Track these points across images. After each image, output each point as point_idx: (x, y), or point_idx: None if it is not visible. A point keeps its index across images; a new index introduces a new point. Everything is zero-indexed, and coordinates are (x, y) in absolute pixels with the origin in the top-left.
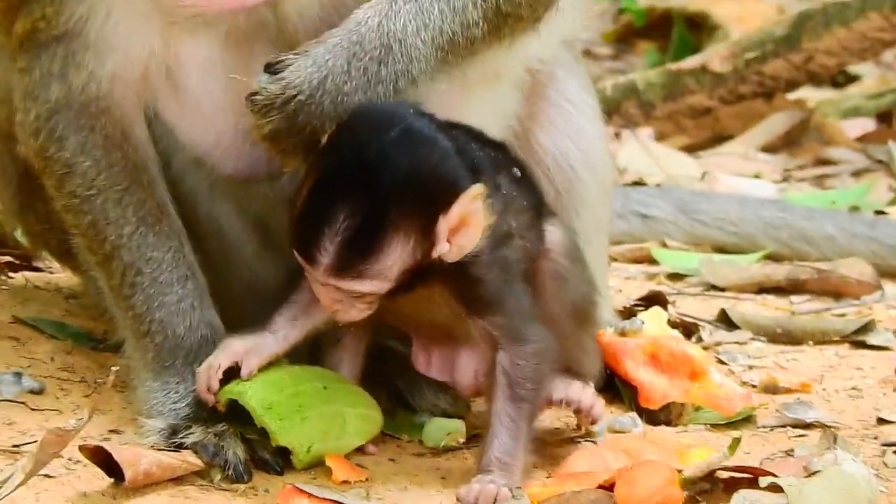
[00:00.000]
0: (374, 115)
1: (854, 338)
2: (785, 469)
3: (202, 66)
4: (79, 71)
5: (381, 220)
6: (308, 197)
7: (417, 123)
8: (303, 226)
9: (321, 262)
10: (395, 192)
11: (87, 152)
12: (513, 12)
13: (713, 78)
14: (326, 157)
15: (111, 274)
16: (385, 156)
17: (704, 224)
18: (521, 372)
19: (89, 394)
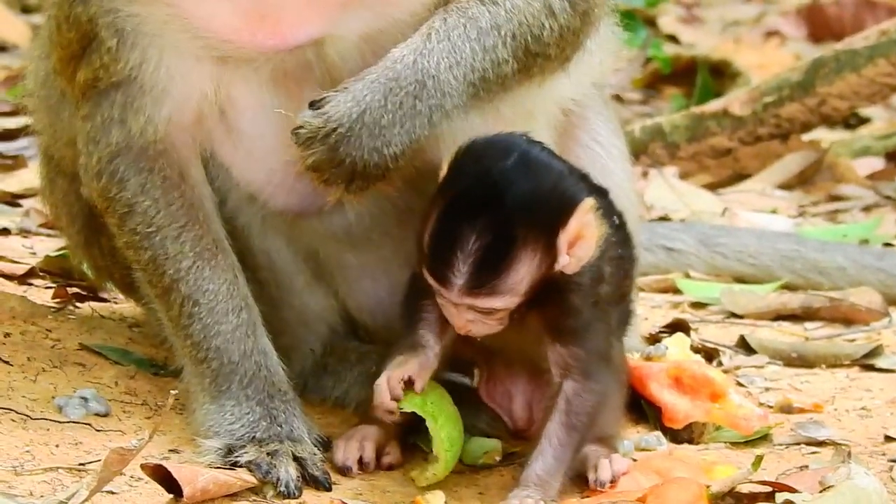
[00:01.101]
0: (491, 144)
1: (864, 361)
2: (802, 483)
3: (254, 108)
4: (137, 116)
5: (509, 238)
6: (438, 224)
7: (532, 149)
8: (436, 251)
9: (456, 283)
10: (520, 212)
11: (147, 193)
12: (541, 52)
13: (733, 121)
14: (451, 185)
15: (170, 305)
16: (508, 179)
17: (725, 256)
18: (582, 404)
19: (150, 416)
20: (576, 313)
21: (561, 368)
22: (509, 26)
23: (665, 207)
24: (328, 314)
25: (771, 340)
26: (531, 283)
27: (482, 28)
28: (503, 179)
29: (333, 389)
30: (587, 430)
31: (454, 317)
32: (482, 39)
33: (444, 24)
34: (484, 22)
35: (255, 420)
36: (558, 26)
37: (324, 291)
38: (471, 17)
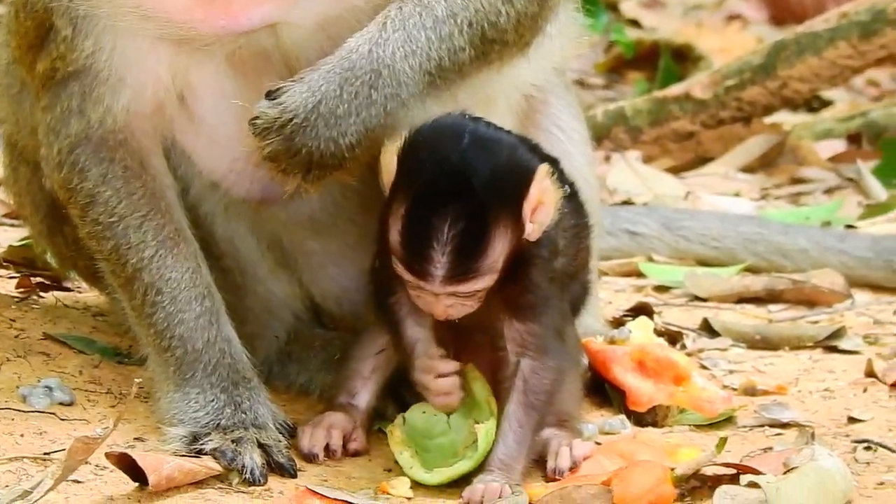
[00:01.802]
0: (439, 129)
1: (827, 343)
2: (766, 465)
3: (214, 96)
4: (95, 106)
5: (482, 220)
6: (408, 220)
7: (479, 127)
8: (411, 247)
9: (437, 274)
10: (487, 191)
11: (108, 183)
12: (499, 38)
13: (696, 104)
14: (411, 177)
15: (133, 295)
16: (468, 162)
17: (688, 240)
18: (539, 382)
19: (115, 404)
20: (534, 288)
21: (518, 346)
22: (465, 14)
23: (628, 191)
24: (292, 301)
25: (734, 323)
26: (505, 258)
27: (438, 16)
28: (463, 163)
29: (298, 376)
30: (546, 409)
31: (433, 305)
32: (438, 28)
33: (400, 13)
34: (440, 10)
35: (220, 407)
36: (515, 12)
37: (288, 279)
38: (426, 6)
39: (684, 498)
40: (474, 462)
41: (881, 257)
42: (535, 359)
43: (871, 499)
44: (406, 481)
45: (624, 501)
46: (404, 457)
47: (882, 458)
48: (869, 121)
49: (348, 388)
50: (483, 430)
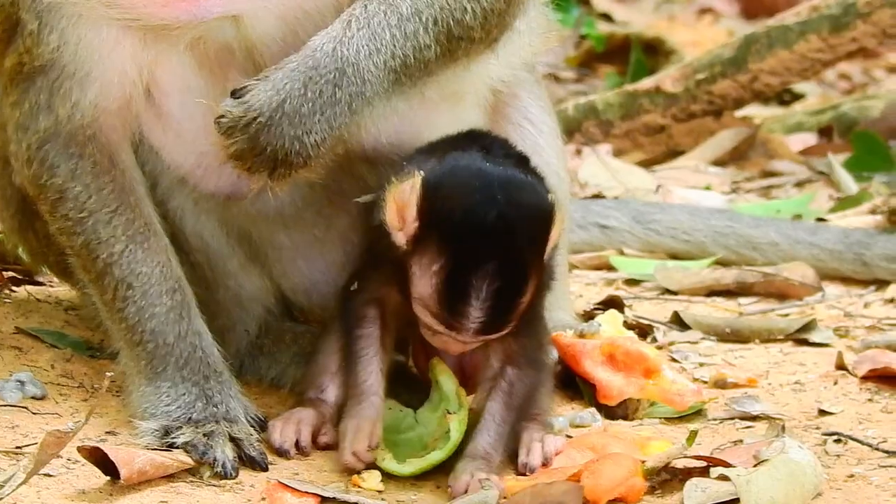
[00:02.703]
0: (467, 178)
1: (797, 336)
2: (737, 457)
3: (181, 91)
4: (63, 101)
5: (522, 275)
6: (446, 275)
7: (507, 172)
8: (450, 303)
9: (472, 328)
10: (526, 246)
11: (78, 178)
12: (465, 35)
13: (666, 98)
14: (446, 233)
15: (104, 289)
16: (506, 218)
17: (658, 233)
18: (523, 388)
19: (87, 398)
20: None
21: (505, 356)
22: (430, 11)
23: (599, 185)
24: (262, 295)
25: (705, 316)
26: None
27: (403, 14)
28: (503, 221)
29: (269, 370)
30: (525, 411)
31: (451, 346)
32: (403, 26)
33: (365, 11)
34: (405, 8)
35: (191, 401)
36: (481, 9)
37: (258, 272)
38: (391, 4)
39: (655, 491)
40: (447, 452)
41: (852, 250)
42: (522, 368)
43: (840, 491)
44: (377, 474)
45: (595, 494)
46: (377, 450)
47: (852, 451)
48: (840, 114)
49: (316, 384)
50: (456, 421)
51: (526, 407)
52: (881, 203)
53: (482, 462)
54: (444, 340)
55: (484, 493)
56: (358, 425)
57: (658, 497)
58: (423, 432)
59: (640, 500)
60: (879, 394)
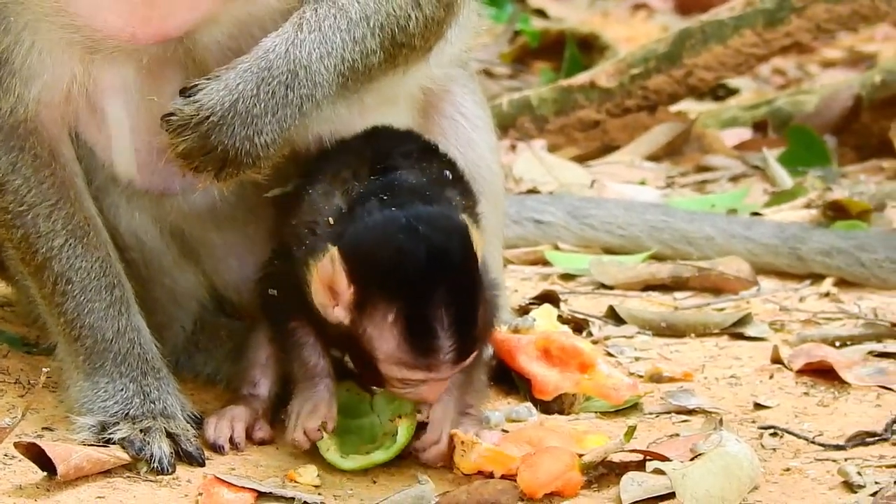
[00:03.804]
0: (380, 227)
1: (733, 330)
2: (673, 450)
3: (117, 90)
4: (7, 96)
5: (472, 290)
6: (406, 322)
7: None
8: (419, 347)
9: (447, 360)
10: (462, 262)
11: (18, 171)
12: (407, 42)
13: (601, 93)
14: (388, 282)
15: (43, 283)
16: (435, 245)
17: (594, 228)
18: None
19: (23, 394)
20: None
21: None
22: (378, 17)
23: (534, 180)
24: (197, 291)
25: (640, 310)
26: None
27: (352, 18)
28: (435, 248)
29: (205, 366)
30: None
31: (428, 393)
32: (352, 30)
33: (315, 15)
34: (353, 12)
35: (129, 397)
36: (423, 17)
37: (192, 269)
38: (341, 8)
39: (591, 485)
40: (390, 454)
41: (787, 244)
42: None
43: (777, 485)
44: (313, 469)
45: (532, 488)
46: (323, 440)
47: (788, 444)
48: (774, 109)
49: (248, 379)
50: (404, 426)
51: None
52: (816, 197)
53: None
54: (420, 391)
55: (420, 487)
56: (313, 405)
57: (594, 491)
58: (375, 422)
59: (577, 494)
60: (815, 387)
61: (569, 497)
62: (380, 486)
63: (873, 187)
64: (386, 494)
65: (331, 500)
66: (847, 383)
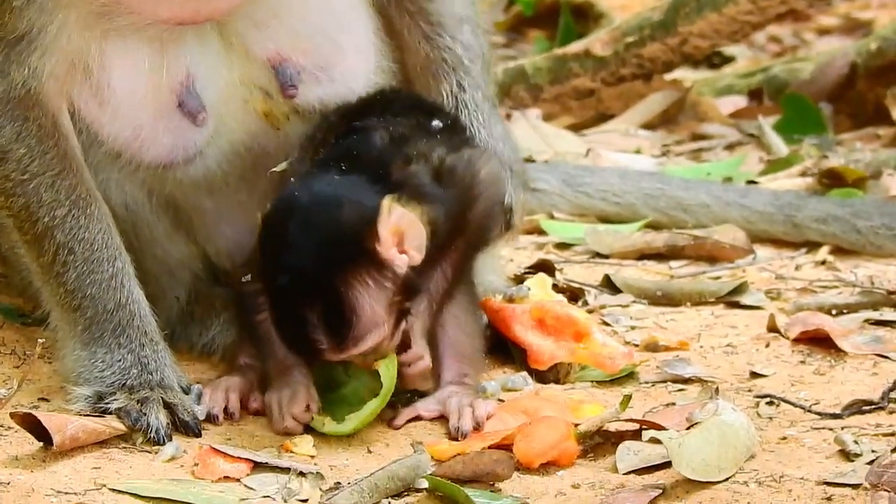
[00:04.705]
0: (275, 211)
1: (728, 298)
2: (669, 419)
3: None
4: (21, 68)
5: (335, 291)
6: (274, 312)
7: (304, 196)
8: (288, 335)
9: (323, 349)
10: (324, 267)
11: (22, 140)
12: None
13: (596, 62)
14: (261, 270)
15: (42, 253)
16: (294, 248)
17: (589, 196)
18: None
19: (19, 364)
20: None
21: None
22: None
23: (529, 149)
24: (190, 261)
25: (636, 279)
26: (389, 303)
27: None
28: (291, 252)
29: (200, 337)
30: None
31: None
32: None
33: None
34: None
35: (126, 367)
36: None
37: (184, 239)
38: None
39: (587, 454)
40: (382, 399)
41: (783, 212)
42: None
43: (773, 453)
44: (309, 439)
45: (527, 457)
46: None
47: (784, 413)
48: (770, 76)
49: (246, 349)
50: (383, 366)
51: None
52: (812, 165)
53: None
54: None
55: (416, 457)
56: (292, 391)
57: (591, 460)
58: (357, 385)
59: (573, 464)
60: (811, 356)
61: (565, 466)
62: (375, 455)
63: (869, 155)
64: (382, 464)
65: (327, 471)
66: (843, 352)
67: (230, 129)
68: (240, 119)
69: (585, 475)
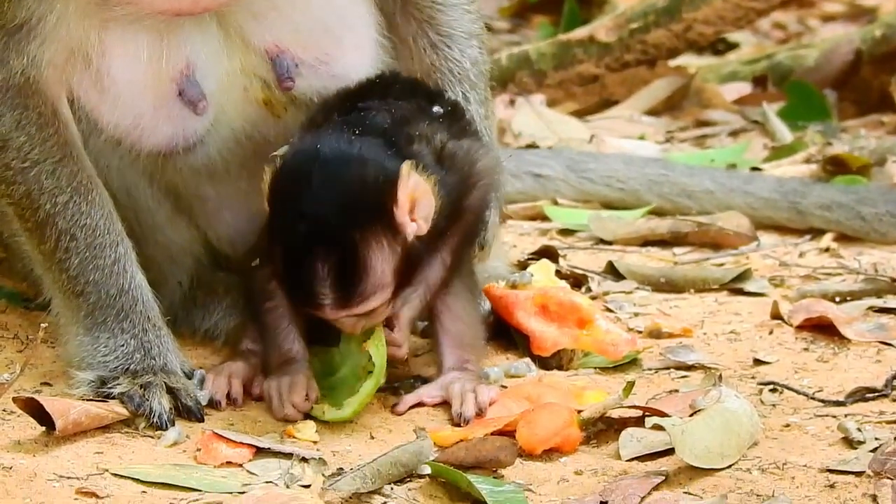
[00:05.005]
0: (294, 163)
1: (732, 285)
2: (672, 406)
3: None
4: (20, 57)
5: (350, 246)
6: (283, 261)
7: (329, 149)
8: (294, 285)
9: (325, 304)
10: (344, 223)
11: (22, 128)
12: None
13: (600, 48)
14: (275, 222)
15: (44, 240)
16: (319, 201)
17: (593, 182)
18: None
19: (22, 349)
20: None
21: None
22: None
23: (533, 135)
24: (192, 246)
25: (639, 266)
26: (394, 269)
27: None
28: (315, 203)
29: (203, 322)
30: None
31: (342, 325)
32: None
33: None
34: None
35: (129, 352)
36: None
37: (185, 224)
38: None
39: (590, 441)
40: (376, 379)
41: (787, 199)
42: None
43: (776, 440)
44: (312, 425)
45: (530, 444)
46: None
47: (788, 400)
48: (774, 63)
49: (249, 335)
50: (372, 346)
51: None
52: (816, 152)
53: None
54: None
55: (419, 443)
56: (291, 380)
57: (593, 447)
58: (352, 364)
59: (576, 451)
60: (815, 343)
61: (567, 453)
62: (378, 441)
63: (873, 142)
64: (384, 450)
65: (329, 456)
66: (847, 339)
67: (230, 118)
68: (240, 107)
69: (588, 462)
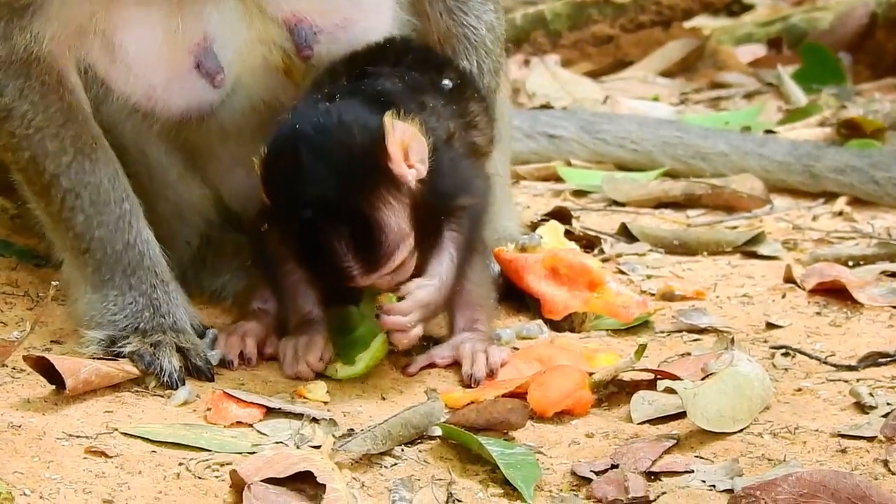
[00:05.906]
0: (279, 148)
1: (745, 248)
2: (684, 370)
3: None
4: (24, 34)
5: (360, 215)
6: (303, 247)
7: (307, 129)
8: (321, 268)
9: (355, 275)
10: (346, 191)
11: (25, 97)
12: None
13: (615, 8)
14: (276, 210)
15: (51, 201)
16: (310, 177)
17: (606, 143)
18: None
19: (32, 307)
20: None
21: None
22: None
23: (547, 95)
24: (202, 205)
25: (652, 228)
26: (409, 219)
27: None
28: (308, 185)
29: (212, 282)
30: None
31: (376, 287)
32: None
33: None
34: None
35: (139, 310)
36: None
37: (197, 182)
38: None
39: (602, 403)
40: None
41: (801, 162)
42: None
43: (788, 405)
44: (323, 385)
45: (542, 406)
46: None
47: (800, 364)
48: (789, 25)
49: (260, 294)
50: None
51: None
52: (830, 115)
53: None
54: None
55: (430, 404)
56: (309, 339)
57: (605, 409)
58: (367, 326)
59: (587, 413)
60: (827, 307)
61: (579, 415)
62: (389, 402)
63: (888, 105)
64: (395, 411)
65: (340, 417)
66: (860, 303)
67: (247, 86)
68: (259, 76)
69: (599, 424)
